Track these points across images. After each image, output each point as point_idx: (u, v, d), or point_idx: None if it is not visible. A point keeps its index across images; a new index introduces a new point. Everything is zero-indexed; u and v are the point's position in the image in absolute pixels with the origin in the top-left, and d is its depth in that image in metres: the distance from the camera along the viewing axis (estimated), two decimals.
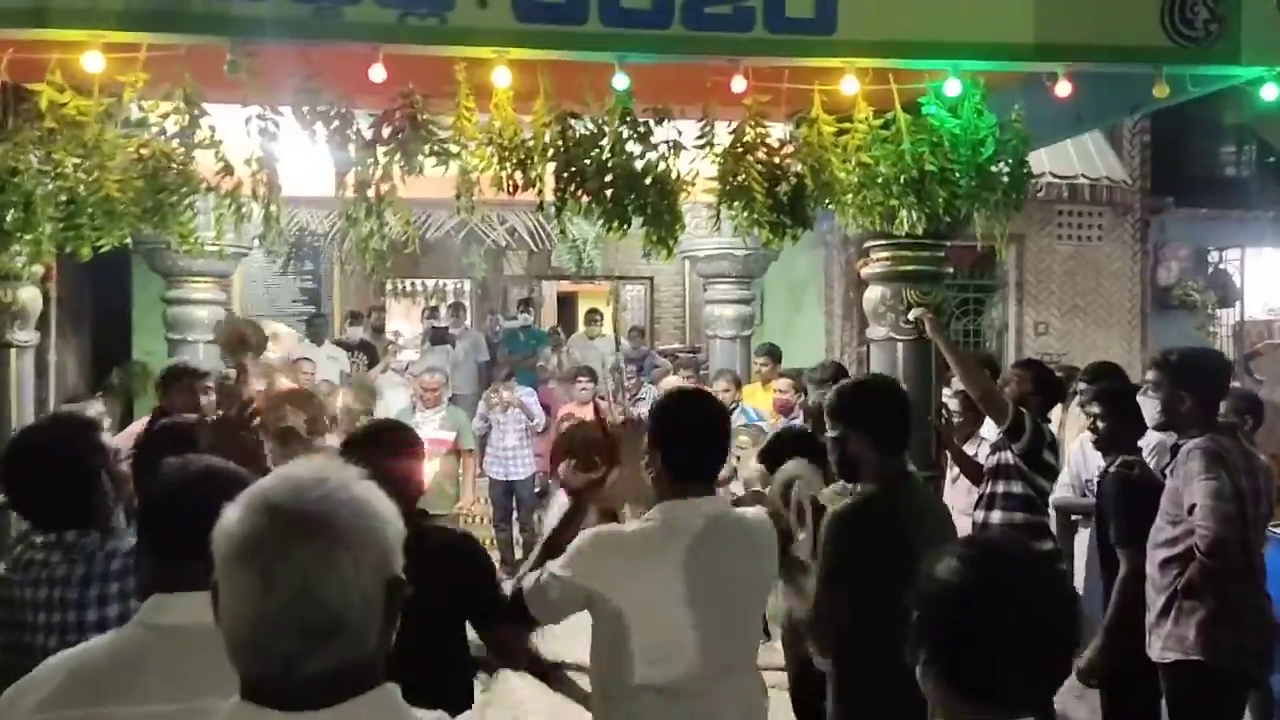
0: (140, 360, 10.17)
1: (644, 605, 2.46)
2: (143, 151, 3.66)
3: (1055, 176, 9.13)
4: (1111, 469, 3.89)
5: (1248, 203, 10.82)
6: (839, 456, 3.05)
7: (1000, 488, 4.54)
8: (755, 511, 2.77)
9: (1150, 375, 3.54)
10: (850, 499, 3.01)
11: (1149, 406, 3.57)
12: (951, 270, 5.36)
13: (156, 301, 7.84)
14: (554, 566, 2.54)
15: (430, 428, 7.69)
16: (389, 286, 12.69)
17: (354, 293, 12.18)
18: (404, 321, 13.61)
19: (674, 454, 2.56)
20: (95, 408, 6.14)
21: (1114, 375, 4.90)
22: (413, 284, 13.08)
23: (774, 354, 7.95)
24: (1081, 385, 5.36)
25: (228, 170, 3.75)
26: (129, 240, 3.89)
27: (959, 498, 5.48)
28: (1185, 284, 10.28)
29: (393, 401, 9.00)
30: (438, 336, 10.90)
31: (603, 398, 9.45)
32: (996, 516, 4.53)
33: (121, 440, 6.11)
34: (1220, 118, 11.22)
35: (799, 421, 6.31)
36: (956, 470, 5.43)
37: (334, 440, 6.88)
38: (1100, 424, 3.96)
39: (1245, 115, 10.62)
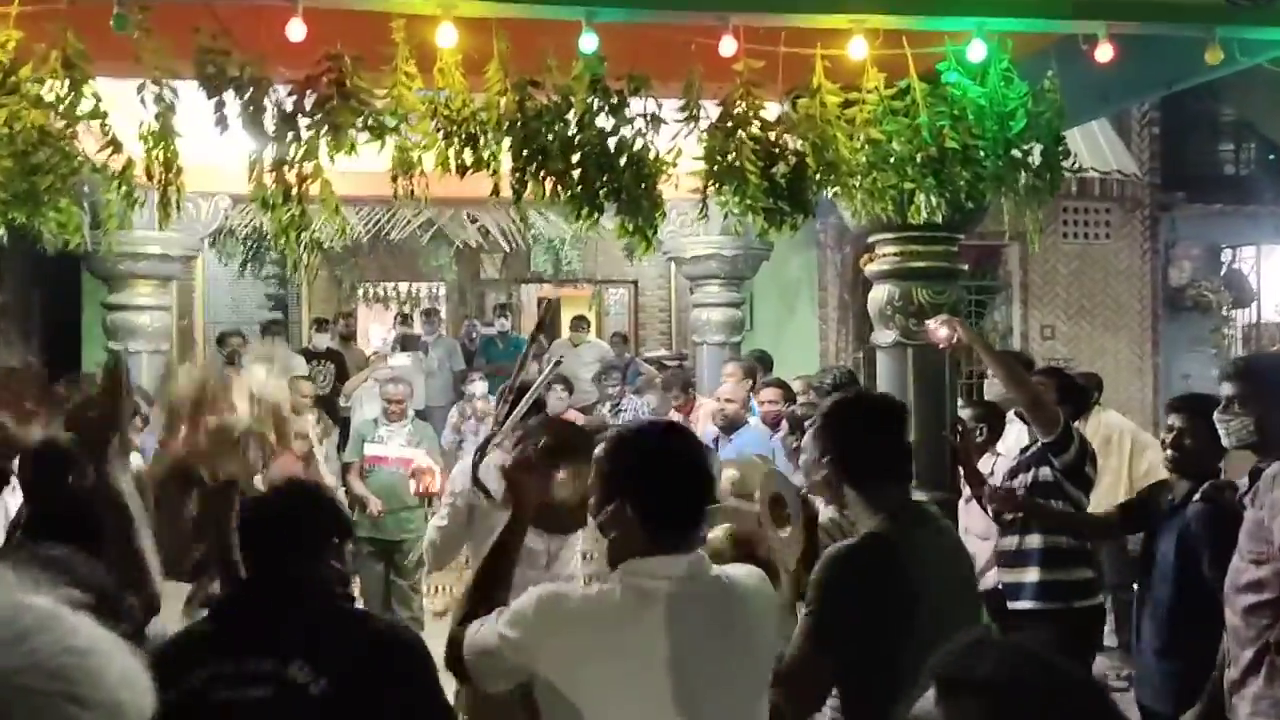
0: (90, 372, 9.53)
1: (603, 699, 1.88)
2: (13, 125, 3.04)
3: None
4: (1196, 497, 3.30)
5: (1261, 198, 10.29)
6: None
7: None
8: (746, 570, 2.16)
9: (1229, 388, 2.96)
10: (849, 539, 2.43)
11: (1227, 424, 2.98)
12: (966, 267, 4.79)
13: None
14: (500, 623, 1.96)
15: (396, 443, 7.08)
16: (360, 291, 12.05)
17: (323, 298, 11.57)
18: (376, 328, 12.97)
19: (650, 501, 1.96)
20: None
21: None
22: (384, 289, 12.42)
23: (764, 361, 7.43)
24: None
25: (115, 147, 3.13)
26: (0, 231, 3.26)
27: (974, 521, 4.91)
28: (1198, 284, 9.74)
29: (370, 413, 8.42)
30: (409, 343, 10.31)
31: (585, 408, 8.89)
32: (1036, 541, 3.97)
33: None
34: (1218, 112, 10.74)
35: (782, 434, 5.71)
36: (969, 491, 4.86)
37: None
38: (1187, 441, 3.35)
39: (1249, 109, 10.16)
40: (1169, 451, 3.54)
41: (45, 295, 10.15)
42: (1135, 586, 6.57)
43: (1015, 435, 5.09)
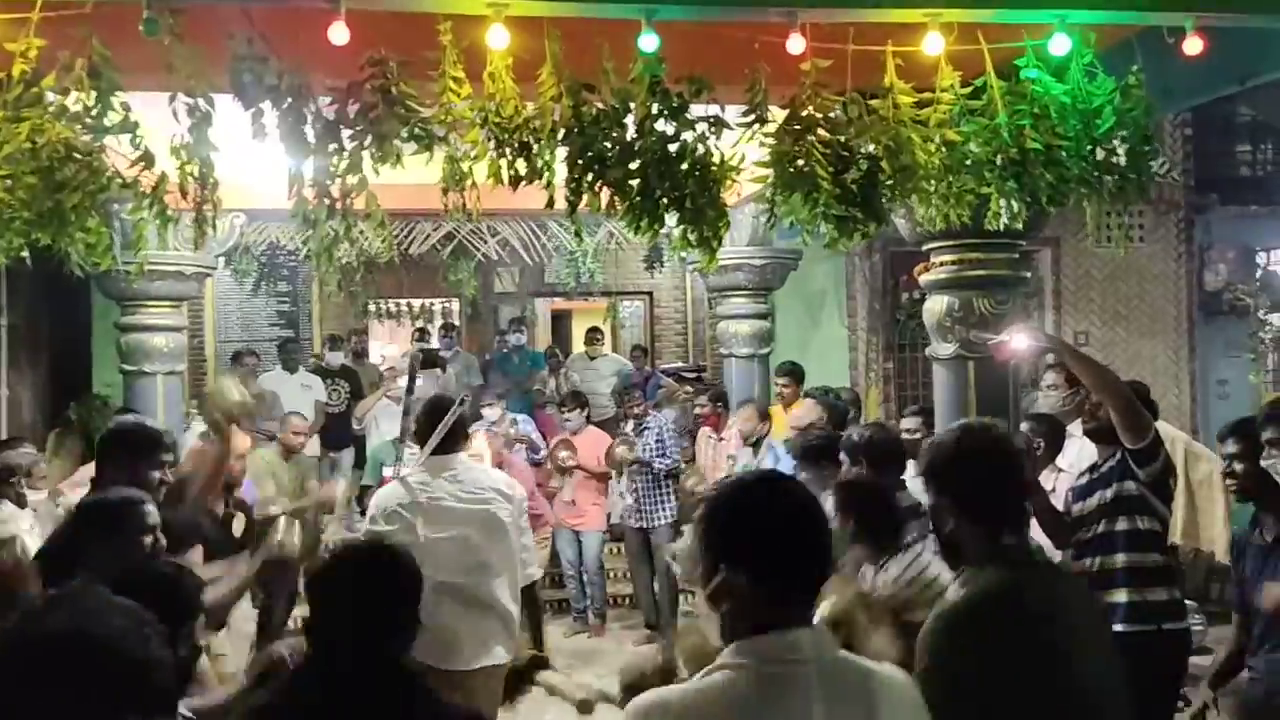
0: (100, 394, 9.30)
1: None
2: (37, 139, 2.81)
3: None
4: None
5: None
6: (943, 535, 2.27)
7: (1121, 524, 3.67)
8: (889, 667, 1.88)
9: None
10: (957, 596, 2.18)
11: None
12: (1029, 274, 4.57)
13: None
14: None
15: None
16: (372, 308, 11.82)
17: (335, 315, 11.35)
18: (390, 345, 12.74)
19: (764, 565, 1.68)
20: (26, 453, 5.26)
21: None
22: (397, 305, 12.19)
23: (796, 373, 7.22)
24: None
25: (147, 162, 2.90)
26: (24, 253, 3.03)
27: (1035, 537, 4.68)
28: (1234, 287, 9.52)
29: (388, 433, 8.19)
30: (427, 360, 10.08)
31: (603, 422, 8.64)
32: (1121, 559, 3.67)
33: (70, 489, 5.26)
34: (1234, 112, 10.55)
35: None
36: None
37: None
38: (1238, 466, 3.14)
39: (1267, 109, 9.95)
40: (1228, 481, 3.35)
41: (55, 316, 9.93)
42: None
43: (1076, 451, 4.85)
